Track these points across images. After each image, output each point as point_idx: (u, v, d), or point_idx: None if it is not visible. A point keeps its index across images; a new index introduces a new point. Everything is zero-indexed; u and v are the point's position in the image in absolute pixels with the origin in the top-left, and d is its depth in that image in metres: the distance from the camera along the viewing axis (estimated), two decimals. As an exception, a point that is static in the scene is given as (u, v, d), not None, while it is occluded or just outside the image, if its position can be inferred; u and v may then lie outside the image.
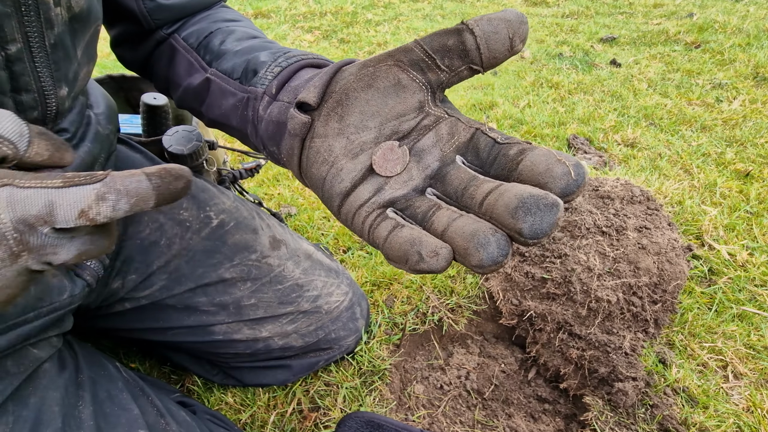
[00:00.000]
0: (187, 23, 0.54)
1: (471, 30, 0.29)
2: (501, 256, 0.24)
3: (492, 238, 0.24)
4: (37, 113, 0.41)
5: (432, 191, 0.31)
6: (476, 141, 0.30)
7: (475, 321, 0.96)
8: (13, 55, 0.35)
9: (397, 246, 0.26)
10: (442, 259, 0.25)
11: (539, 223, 0.23)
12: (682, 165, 1.39)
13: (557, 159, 0.25)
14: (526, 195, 0.24)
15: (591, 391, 0.81)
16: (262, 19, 3.08)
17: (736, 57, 2.06)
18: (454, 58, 0.30)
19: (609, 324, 0.82)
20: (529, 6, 3.25)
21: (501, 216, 0.24)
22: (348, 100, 0.33)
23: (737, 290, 0.96)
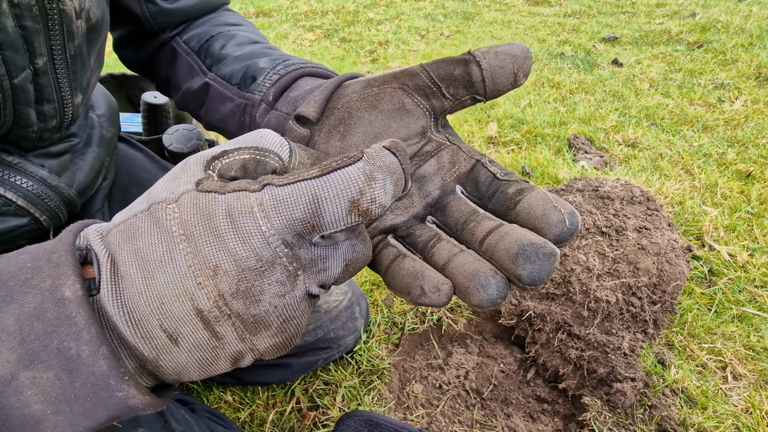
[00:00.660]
0: (189, 26, 0.54)
1: (478, 62, 0.29)
2: (500, 298, 0.25)
3: (492, 280, 0.25)
4: (55, 122, 0.41)
5: (432, 219, 0.31)
6: (476, 173, 0.31)
7: (474, 321, 0.96)
8: (40, 68, 0.36)
9: (400, 277, 0.27)
10: (444, 295, 0.26)
11: (538, 271, 0.24)
12: (683, 165, 1.39)
13: (553, 206, 0.26)
14: (526, 242, 0.25)
15: (590, 392, 0.81)
16: (263, 17, 3.08)
17: (739, 57, 2.06)
18: (459, 88, 0.31)
19: (608, 324, 0.82)
20: (531, 5, 3.25)
21: (501, 259, 0.25)
22: (351, 119, 0.33)
23: (737, 291, 0.96)
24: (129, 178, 0.64)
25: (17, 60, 0.34)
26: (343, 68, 2.27)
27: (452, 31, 2.78)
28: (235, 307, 0.22)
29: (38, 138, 0.42)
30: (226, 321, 0.22)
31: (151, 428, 0.45)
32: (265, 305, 0.23)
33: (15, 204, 0.41)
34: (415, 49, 2.52)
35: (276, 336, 0.24)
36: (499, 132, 1.60)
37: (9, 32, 0.32)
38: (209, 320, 0.22)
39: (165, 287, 0.22)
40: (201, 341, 0.23)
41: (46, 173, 0.44)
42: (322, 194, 0.21)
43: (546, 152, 1.47)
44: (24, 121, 0.38)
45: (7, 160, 0.41)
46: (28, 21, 0.33)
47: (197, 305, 0.22)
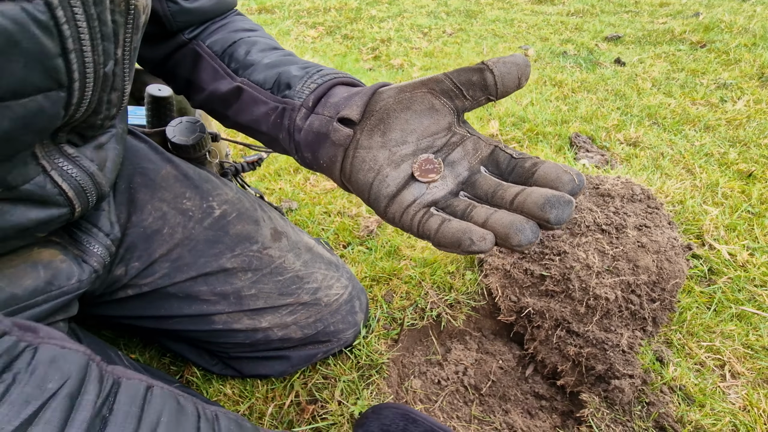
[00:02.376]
0: (207, 29, 0.58)
1: (491, 70, 0.37)
2: (534, 237, 0.32)
3: (526, 225, 0.32)
4: (116, 110, 0.45)
5: (464, 194, 0.39)
6: (496, 155, 0.39)
7: (474, 317, 0.97)
8: (119, 58, 0.40)
9: (450, 234, 0.34)
10: (489, 242, 0.32)
11: (561, 213, 0.32)
12: (685, 164, 1.39)
13: (563, 170, 0.34)
14: (550, 195, 0.32)
15: (588, 388, 0.81)
16: (266, 14, 3.08)
17: (742, 57, 2.05)
18: (477, 91, 0.38)
19: (607, 322, 0.82)
20: (533, 4, 3.24)
21: (531, 210, 0.32)
22: (389, 119, 0.40)
23: (737, 290, 0.96)
24: (134, 168, 0.64)
25: (109, 50, 0.38)
26: (345, 65, 2.27)
27: (455, 29, 2.78)
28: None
29: (100, 126, 0.45)
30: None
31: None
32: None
33: (66, 195, 0.44)
34: (417, 47, 2.52)
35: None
36: (501, 130, 1.60)
37: (108, 25, 0.37)
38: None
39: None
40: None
41: (96, 169, 0.47)
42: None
43: (547, 150, 1.47)
44: (98, 107, 0.42)
45: (68, 152, 0.44)
46: (117, 15, 0.38)
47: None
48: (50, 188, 0.42)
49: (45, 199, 0.42)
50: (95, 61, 0.37)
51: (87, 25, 0.34)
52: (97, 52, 0.37)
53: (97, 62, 0.37)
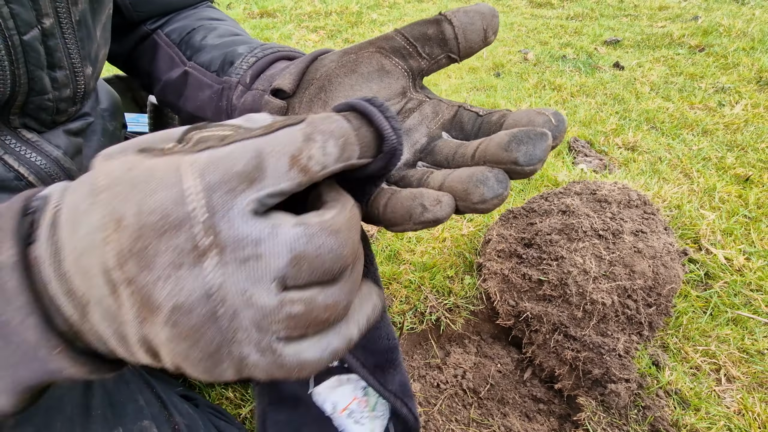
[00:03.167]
0: (171, 20, 0.55)
1: (450, 21, 0.31)
2: (501, 188, 0.24)
3: (489, 174, 0.25)
4: (69, 91, 0.42)
5: (422, 164, 0.32)
6: (460, 117, 0.32)
7: (473, 321, 0.98)
8: (47, 29, 0.37)
9: (399, 205, 0.26)
10: (446, 206, 0.25)
11: (532, 149, 0.24)
12: (682, 169, 1.40)
13: (537, 112, 0.27)
14: (516, 131, 0.25)
15: (585, 392, 0.82)
16: (267, 18, 3.10)
17: (740, 61, 2.06)
18: (434, 47, 0.32)
19: (603, 326, 0.83)
20: (533, 7, 3.25)
21: (495, 155, 0.25)
22: (331, 85, 0.34)
23: (733, 294, 0.97)
24: None
25: (23, 15, 0.35)
26: (345, 69, 2.29)
27: (455, 33, 2.79)
28: (129, 269, 0.19)
29: (55, 109, 0.42)
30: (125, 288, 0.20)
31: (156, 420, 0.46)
32: (157, 273, 0.19)
33: (26, 179, 0.42)
34: (417, 51, 2.53)
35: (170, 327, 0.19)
36: (500, 134, 1.61)
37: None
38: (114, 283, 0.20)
39: (81, 239, 0.20)
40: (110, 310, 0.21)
41: (61, 154, 0.45)
42: (264, 149, 0.20)
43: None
44: (39, 86, 0.39)
45: (26, 136, 0.42)
46: None
47: (104, 262, 0.20)
48: (3, 172, 0.40)
49: (3, 185, 0.40)
50: (2, 26, 0.33)
51: None
52: (2, 16, 0.33)
53: (5, 27, 0.33)
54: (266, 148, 0.20)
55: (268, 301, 0.19)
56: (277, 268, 0.19)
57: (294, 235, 0.20)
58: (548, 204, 1.00)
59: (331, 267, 0.21)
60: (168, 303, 0.19)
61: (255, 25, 2.91)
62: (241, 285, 0.19)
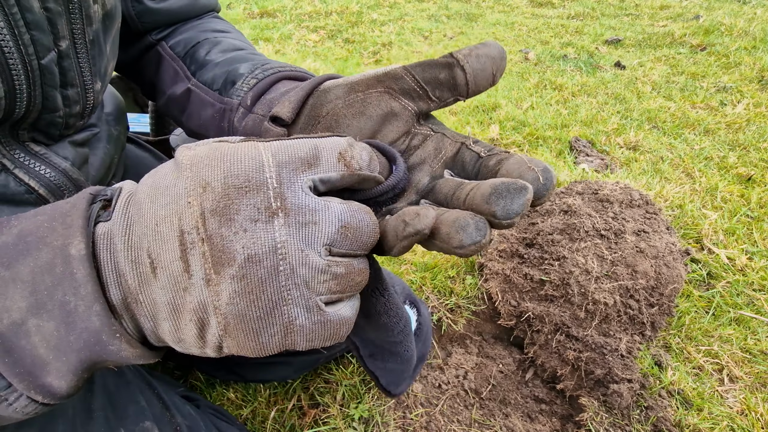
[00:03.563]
0: (176, 31, 0.55)
1: (462, 67, 0.31)
2: (480, 237, 0.25)
3: (471, 221, 0.25)
4: (79, 107, 0.43)
5: (425, 201, 0.33)
6: (462, 156, 0.33)
7: (474, 321, 0.98)
8: (63, 51, 0.38)
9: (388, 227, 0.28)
10: (424, 218, 0.26)
11: (510, 204, 0.25)
12: (684, 168, 1.39)
13: (528, 166, 0.28)
14: (498, 183, 0.26)
15: (587, 393, 0.82)
16: (267, 18, 3.10)
17: (742, 60, 2.06)
18: (445, 91, 0.33)
19: (606, 326, 0.83)
20: (534, 7, 3.25)
21: (478, 205, 0.26)
22: (339, 127, 0.34)
23: (735, 294, 0.96)
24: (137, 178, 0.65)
25: (43, 40, 0.36)
26: (346, 69, 2.29)
27: (455, 33, 2.79)
28: (210, 225, 0.23)
29: (64, 125, 0.43)
30: (199, 248, 0.23)
31: (157, 421, 0.46)
32: (236, 226, 0.23)
33: (36, 192, 0.42)
34: (418, 51, 2.53)
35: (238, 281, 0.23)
36: (501, 134, 1.61)
37: (36, 12, 0.34)
38: (186, 245, 0.23)
39: (162, 208, 0.24)
40: (175, 275, 0.24)
41: (69, 165, 0.45)
42: (320, 145, 0.26)
43: (547, 154, 1.48)
44: (52, 104, 0.40)
45: (34, 149, 0.42)
46: (51, 2, 0.35)
47: (182, 225, 0.23)
48: (15, 186, 0.40)
49: (13, 198, 0.41)
50: (22, 52, 0.34)
51: (1, 13, 0.32)
52: (23, 42, 0.34)
53: (25, 53, 0.34)
54: (321, 144, 0.26)
55: (319, 261, 0.24)
56: (329, 233, 0.24)
57: (342, 209, 0.25)
58: (550, 204, 0.99)
59: (366, 240, 0.26)
60: (243, 253, 0.23)
61: (255, 25, 2.91)
62: (300, 244, 0.24)
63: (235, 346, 0.25)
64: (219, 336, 0.24)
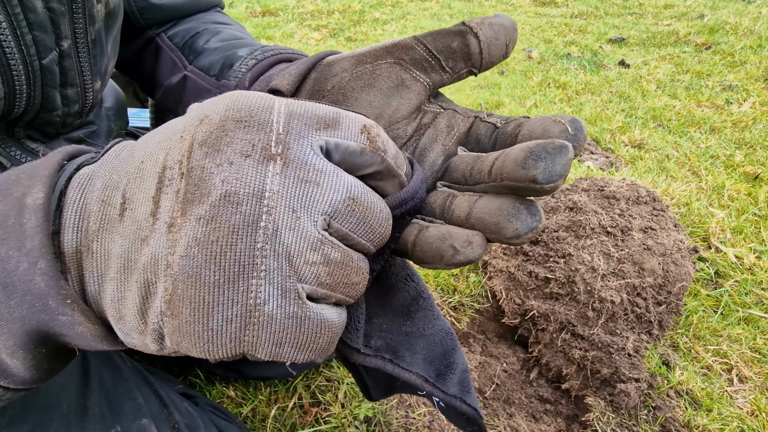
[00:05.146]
0: (176, 24, 0.53)
1: (475, 34, 0.29)
2: (535, 222, 0.23)
3: (521, 206, 0.23)
4: (77, 106, 0.42)
5: (441, 183, 0.30)
6: (476, 129, 0.30)
7: (478, 320, 0.96)
8: (65, 50, 0.37)
9: (428, 246, 0.26)
10: (477, 246, 0.24)
11: (552, 165, 0.22)
12: (690, 167, 1.38)
13: (552, 120, 0.25)
14: (532, 145, 0.23)
15: (593, 392, 0.81)
16: (270, 16, 3.09)
17: (747, 59, 2.04)
18: (458, 61, 0.30)
19: (612, 325, 0.82)
20: (537, 6, 3.24)
21: (512, 172, 0.23)
22: (347, 101, 0.32)
23: (743, 293, 0.95)
24: None
25: (45, 41, 0.35)
26: (348, 67, 2.28)
27: (458, 32, 2.78)
28: (195, 156, 0.19)
29: (62, 123, 0.42)
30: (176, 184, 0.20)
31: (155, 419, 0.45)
32: (223, 157, 0.19)
33: None
34: (420, 49, 2.52)
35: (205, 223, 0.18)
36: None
37: (39, 12, 0.33)
38: (164, 182, 0.20)
39: (154, 145, 0.21)
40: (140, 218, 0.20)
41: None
42: (342, 113, 0.22)
43: (551, 152, 1.46)
44: (50, 104, 0.39)
45: (30, 146, 0.42)
46: (54, 2, 0.34)
47: (167, 160, 0.20)
48: None
49: None
50: (24, 52, 0.33)
51: (3, 12, 0.31)
52: (25, 42, 0.33)
53: (27, 53, 0.34)
54: (344, 113, 0.23)
55: (312, 232, 0.20)
56: (332, 201, 0.20)
57: (354, 182, 0.21)
58: (555, 201, 0.98)
59: (375, 226, 0.22)
60: (221, 188, 0.19)
61: (257, 24, 2.91)
62: (293, 202, 0.19)
63: (177, 332, 0.19)
64: (161, 313, 0.19)
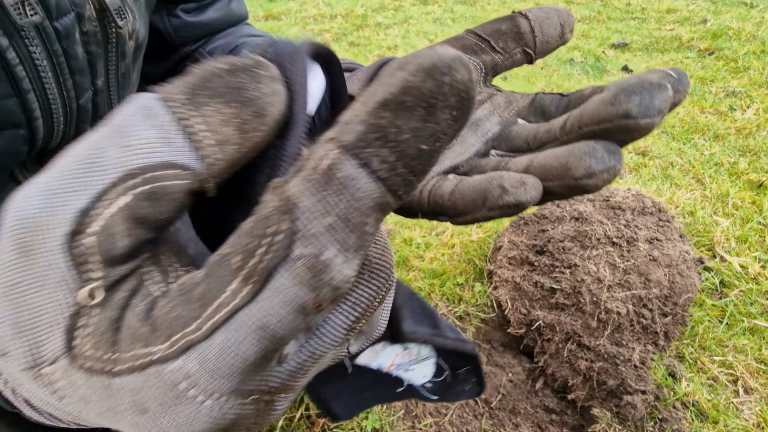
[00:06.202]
0: (211, 40, 0.55)
1: (525, 15, 0.29)
2: (614, 160, 0.20)
3: (597, 145, 0.20)
4: None
5: (496, 152, 0.28)
6: (539, 101, 0.29)
7: (483, 329, 0.97)
8: (99, 88, 0.39)
9: (471, 189, 0.22)
10: (531, 188, 0.21)
11: (649, 99, 0.19)
12: (694, 174, 1.38)
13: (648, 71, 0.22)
14: (623, 83, 0.20)
15: (599, 403, 0.81)
16: (272, 21, 3.11)
17: (751, 65, 2.04)
18: (509, 41, 0.30)
19: (618, 336, 0.82)
20: (540, 10, 3.24)
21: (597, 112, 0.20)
22: None
23: (749, 303, 0.95)
24: None
25: (84, 83, 0.36)
26: (352, 72, 2.28)
27: (461, 36, 2.79)
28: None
29: None
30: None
31: None
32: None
33: None
34: (423, 54, 2.52)
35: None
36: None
37: (79, 59, 0.35)
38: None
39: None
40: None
41: None
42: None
43: (555, 159, 1.47)
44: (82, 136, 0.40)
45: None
46: (93, 46, 0.36)
47: None
48: None
49: None
50: (64, 96, 0.35)
51: (50, 62, 0.32)
52: (66, 87, 0.35)
53: (66, 97, 0.35)
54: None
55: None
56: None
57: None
58: (560, 210, 0.98)
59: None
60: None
61: (260, 28, 2.92)
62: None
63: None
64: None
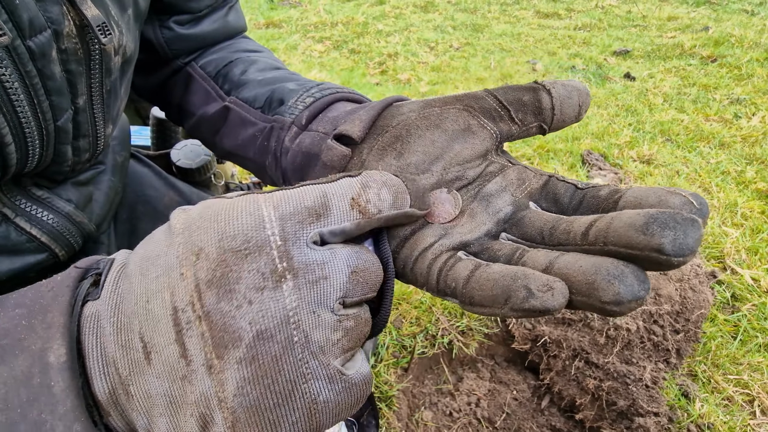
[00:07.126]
0: (205, 53, 0.53)
1: (548, 91, 0.29)
2: (642, 290, 0.19)
3: (626, 269, 0.20)
4: (88, 155, 0.41)
5: (507, 236, 0.27)
6: (552, 187, 0.28)
7: (486, 344, 0.93)
8: (80, 107, 0.36)
9: (492, 282, 0.22)
10: (559, 294, 0.20)
11: (683, 236, 0.19)
12: (701, 183, 1.35)
13: (669, 191, 0.22)
14: (654, 212, 0.20)
15: (609, 425, 0.77)
16: (273, 28, 3.10)
17: (754, 72, 2.02)
18: (528, 114, 0.30)
19: (628, 353, 0.78)
20: (540, 18, 3.24)
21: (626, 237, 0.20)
22: (410, 137, 0.31)
23: (762, 318, 0.91)
24: (136, 196, 0.62)
25: (62, 103, 0.34)
26: (352, 80, 2.27)
27: (461, 43, 2.77)
28: (207, 300, 0.20)
29: (71, 170, 0.41)
30: (196, 327, 0.20)
31: None
32: (239, 297, 0.20)
33: (38, 240, 0.40)
34: (424, 61, 2.51)
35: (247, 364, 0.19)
36: (510, 146, 1.57)
37: (57, 79, 0.32)
38: (181, 325, 0.20)
39: (153, 281, 0.21)
40: (171, 361, 0.20)
41: (72, 209, 0.43)
42: (329, 192, 0.23)
43: (559, 168, 1.44)
44: (61, 157, 0.38)
45: (36, 194, 0.40)
46: (72, 65, 0.33)
47: (175, 301, 0.20)
48: (16, 236, 0.38)
49: (14, 248, 0.38)
50: (39, 118, 0.33)
51: (22, 83, 0.30)
52: (42, 109, 0.33)
53: (42, 119, 0.33)
54: (330, 190, 0.23)
55: (331, 319, 0.21)
56: (342, 283, 0.21)
57: (347, 253, 0.22)
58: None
59: (375, 281, 0.23)
60: (251, 330, 0.20)
61: (261, 36, 2.91)
62: (312, 306, 0.20)
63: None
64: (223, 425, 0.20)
